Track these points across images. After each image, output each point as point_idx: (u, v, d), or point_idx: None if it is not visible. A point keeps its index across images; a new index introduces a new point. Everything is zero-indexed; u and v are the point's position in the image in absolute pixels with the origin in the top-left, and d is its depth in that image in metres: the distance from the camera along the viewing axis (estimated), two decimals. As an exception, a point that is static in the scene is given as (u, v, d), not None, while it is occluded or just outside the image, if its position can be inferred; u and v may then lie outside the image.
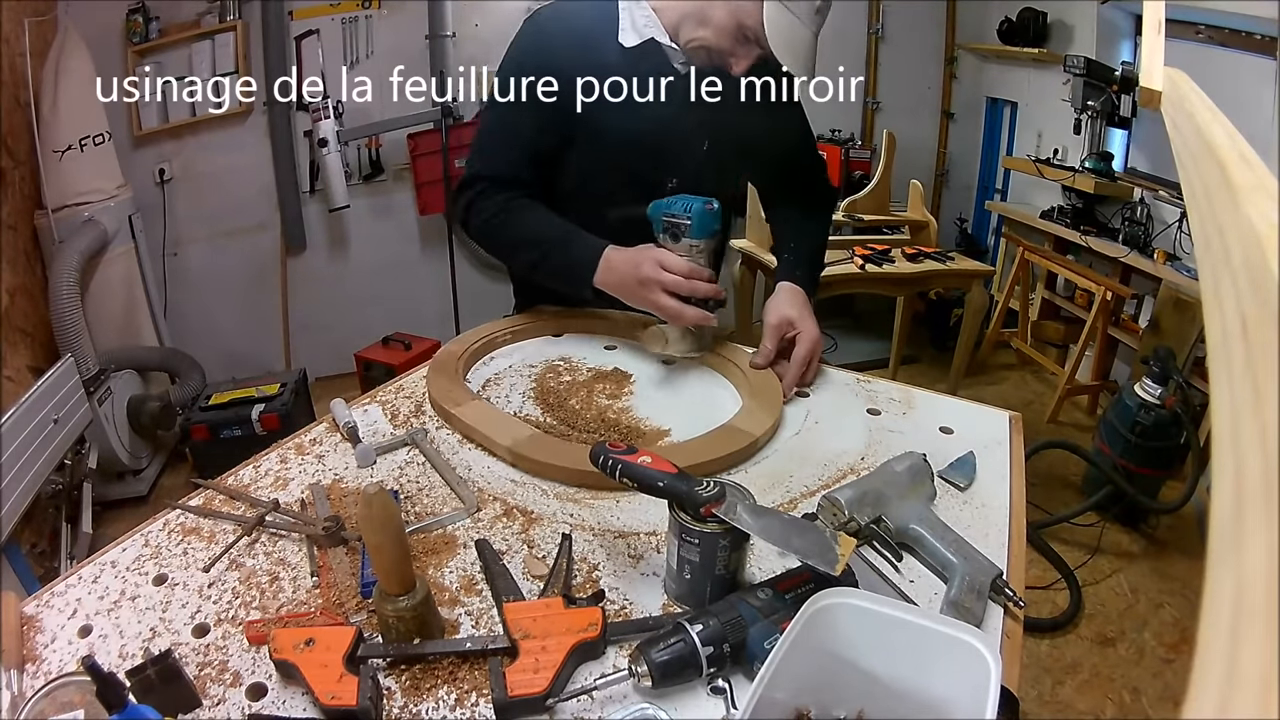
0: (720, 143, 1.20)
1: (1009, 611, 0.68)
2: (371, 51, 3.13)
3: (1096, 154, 3.05)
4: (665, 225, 1.06)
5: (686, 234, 1.04)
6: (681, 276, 1.03)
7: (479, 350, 1.17)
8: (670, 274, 1.03)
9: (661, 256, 1.05)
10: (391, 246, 3.42)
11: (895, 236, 3.21)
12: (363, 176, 3.27)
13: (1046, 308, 3.50)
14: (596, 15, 1.13)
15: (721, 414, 0.97)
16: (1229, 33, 2.57)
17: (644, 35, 1.11)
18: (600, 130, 1.13)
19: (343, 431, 0.94)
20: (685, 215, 1.04)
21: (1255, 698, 0.16)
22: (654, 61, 1.13)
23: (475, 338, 1.18)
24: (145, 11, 2.82)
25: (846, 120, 3.75)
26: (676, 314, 1.04)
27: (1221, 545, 0.20)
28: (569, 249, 1.12)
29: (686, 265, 1.04)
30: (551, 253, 1.13)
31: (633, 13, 1.12)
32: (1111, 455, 2.35)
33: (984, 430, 0.97)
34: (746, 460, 0.90)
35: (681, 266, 1.04)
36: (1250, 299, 0.25)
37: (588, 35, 1.12)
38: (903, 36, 3.78)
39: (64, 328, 2.36)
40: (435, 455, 0.91)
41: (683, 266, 1.04)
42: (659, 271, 1.04)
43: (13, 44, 2.38)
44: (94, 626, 0.66)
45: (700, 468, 0.84)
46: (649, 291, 1.04)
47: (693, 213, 1.03)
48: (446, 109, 3.09)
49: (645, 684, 0.56)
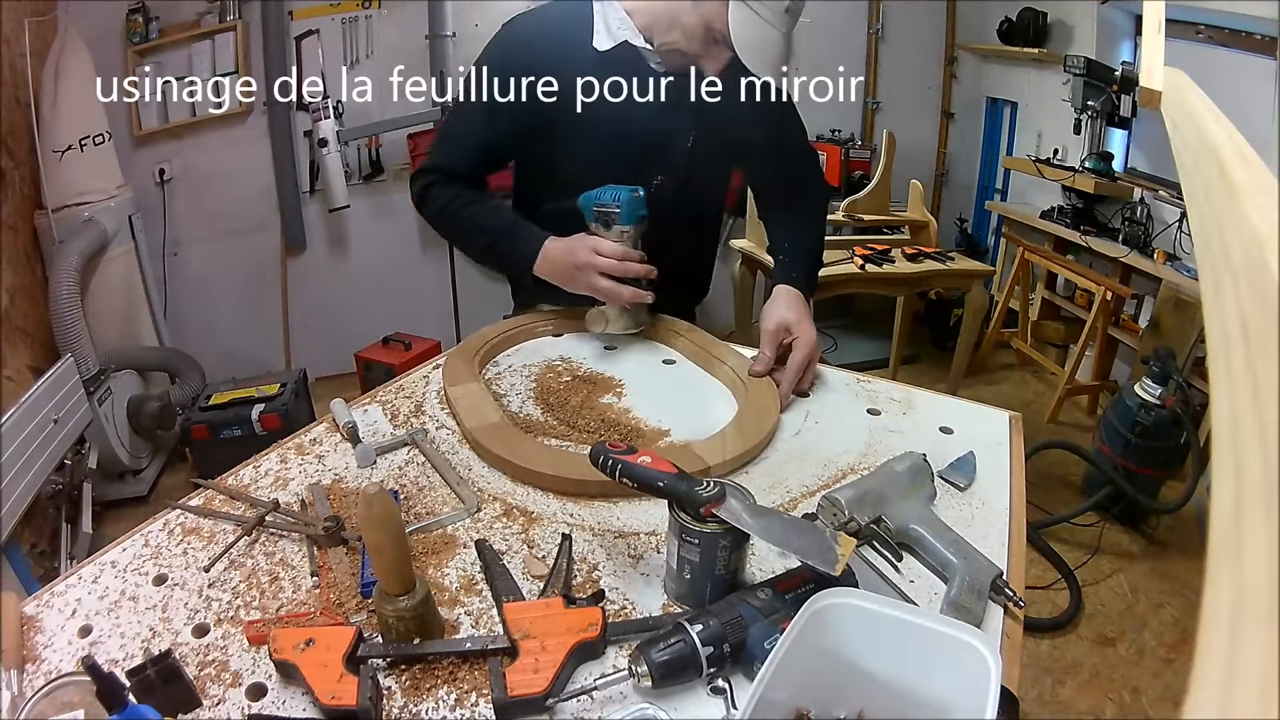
0: (707, 141, 1.22)
1: (1009, 611, 0.68)
2: (371, 51, 3.13)
3: (1096, 154, 3.05)
4: (596, 214, 1.14)
5: (617, 221, 1.12)
6: (615, 260, 1.10)
7: (513, 338, 1.23)
8: (605, 258, 1.10)
9: (596, 243, 1.12)
10: (391, 246, 3.42)
11: (895, 236, 3.21)
12: (363, 176, 3.26)
13: (1046, 308, 3.50)
14: (570, 20, 1.16)
15: (716, 416, 0.98)
16: (1229, 33, 2.57)
17: (618, 38, 1.13)
18: (577, 132, 1.17)
19: (343, 431, 0.94)
20: (615, 204, 1.12)
21: (1255, 698, 0.16)
22: (630, 63, 1.14)
23: (511, 326, 1.24)
24: (145, 11, 2.82)
25: (846, 120, 3.75)
26: (614, 294, 1.12)
27: (1221, 545, 0.20)
28: (512, 240, 1.19)
29: (619, 249, 1.11)
30: (495, 243, 1.21)
31: (607, 16, 1.14)
32: (1111, 455, 2.35)
33: (984, 430, 0.97)
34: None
35: (615, 250, 1.11)
36: (1250, 299, 0.25)
37: (561, 39, 1.15)
38: (903, 36, 3.78)
39: (64, 328, 2.35)
40: (435, 455, 0.91)
41: (616, 250, 1.11)
42: (594, 257, 1.11)
43: (13, 44, 2.38)
44: (94, 626, 0.66)
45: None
46: (586, 275, 1.12)
47: (621, 201, 1.11)
48: (446, 109, 3.09)
49: (645, 684, 0.56)
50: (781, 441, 0.95)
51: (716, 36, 1.05)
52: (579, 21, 1.15)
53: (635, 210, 1.12)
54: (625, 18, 1.14)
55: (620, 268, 1.11)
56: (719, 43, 1.06)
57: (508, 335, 1.21)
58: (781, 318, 1.09)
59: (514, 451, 0.88)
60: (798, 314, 1.10)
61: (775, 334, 1.09)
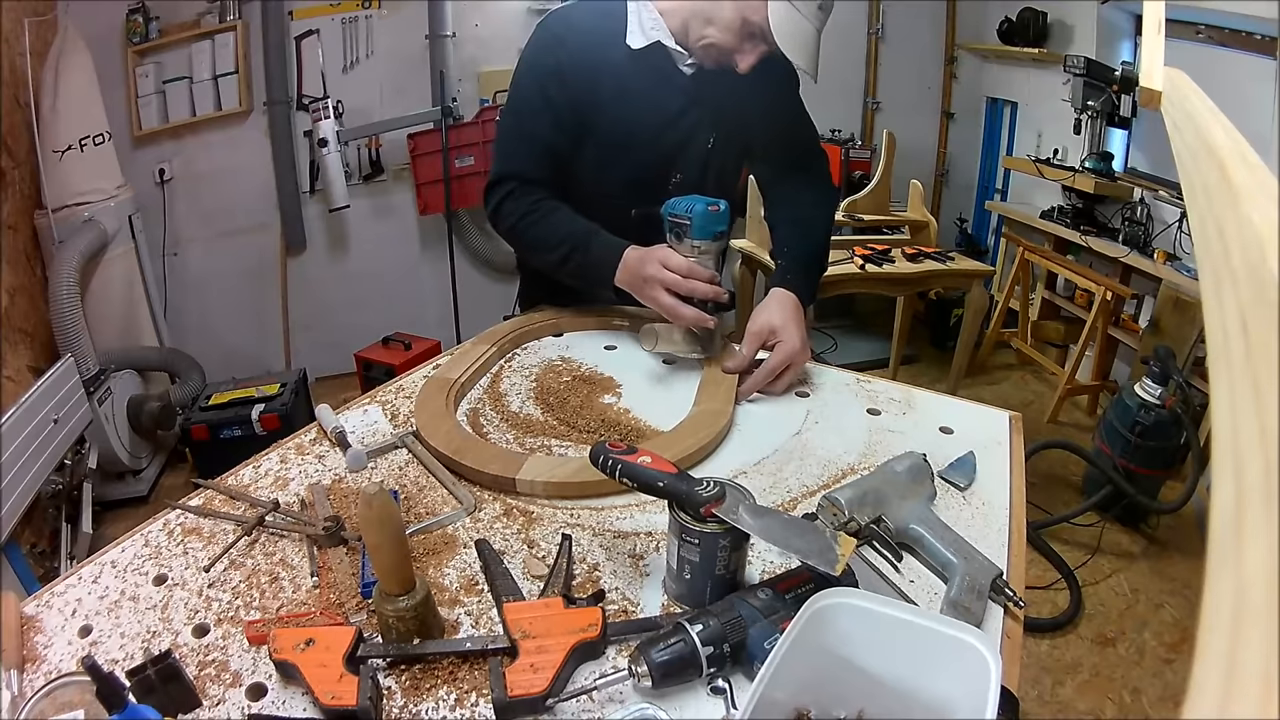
0: (725, 140, 1.23)
1: (1009, 611, 0.68)
2: (371, 51, 3.13)
3: (1096, 154, 3.05)
4: (670, 225, 1.08)
5: (688, 234, 1.05)
6: (680, 275, 1.04)
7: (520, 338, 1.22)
8: (670, 272, 1.05)
9: (665, 256, 1.06)
10: (391, 246, 3.42)
11: (895, 236, 3.21)
12: (363, 176, 3.26)
13: (1046, 308, 3.50)
14: (605, 18, 1.16)
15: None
16: (1229, 33, 2.57)
17: (650, 38, 1.13)
18: (608, 130, 1.17)
19: (331, 437, 0.94)
20: (686, 215, 1.05)
21: (1255, 698, 0.16)
22: (659, 63, 1.15)
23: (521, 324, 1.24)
24: (145, 11, 2.82)
25: (846, 120, 3.75)
26: (673, 311, 1.06)
27: (1221, 545, 0.20)
28: (590, 249, 1.15)
29: (687, 264, 1.05)
30: (574, 253, 1.16)
31: (640, 15, 1.14)
32: (1111, 455, 2.35)
33: (984, 430, 0.97)
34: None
35: (682, 265, 1.05)
36: (1250, 299, 0.25)
37: (596, 38, 1.15)
38: (903, 36, 3.78)
39: (64, 328, 2.35)
40: (426, 457, 0.90)
41: (683, 265, 1.05)
42: (660, 270, 1.05)
43: (13, 44, 2.38)
44: (94, 626, 0.66)
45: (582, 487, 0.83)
46: (650, 288, 1.07)
47: (693, 213, 1.04)
48: (446, 109, 3.09)
49: (645, 684, 0.56)
50: (782, 441, 0.95)
51: (754, 31, 1.05)
52: (613, 19, 1.15)
53: (710, 225, 1.04)
54: (659, 19, 1.14)
55: (685, 285, 1.04)
56: (755, 37, 1.06)
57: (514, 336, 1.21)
58: (767, 320, 1.09)
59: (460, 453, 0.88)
60: (785, 318, 1.09)
61: (758, 335, 1.08)
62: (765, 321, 1.09)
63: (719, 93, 1.17)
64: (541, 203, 1.19)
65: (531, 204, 1.19)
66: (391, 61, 3.15)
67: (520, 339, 1.23)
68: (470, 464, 0.86)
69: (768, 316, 1.09)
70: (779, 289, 1.15)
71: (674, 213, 1.06)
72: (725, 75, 1.11)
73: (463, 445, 0.89)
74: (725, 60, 1.10)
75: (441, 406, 0.98)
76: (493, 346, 1.16)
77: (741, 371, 1.07)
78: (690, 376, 1.13)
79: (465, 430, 0.95)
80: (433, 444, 0.90)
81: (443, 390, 1.02)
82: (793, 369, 1.06)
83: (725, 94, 1.16)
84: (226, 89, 2.98)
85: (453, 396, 1.02)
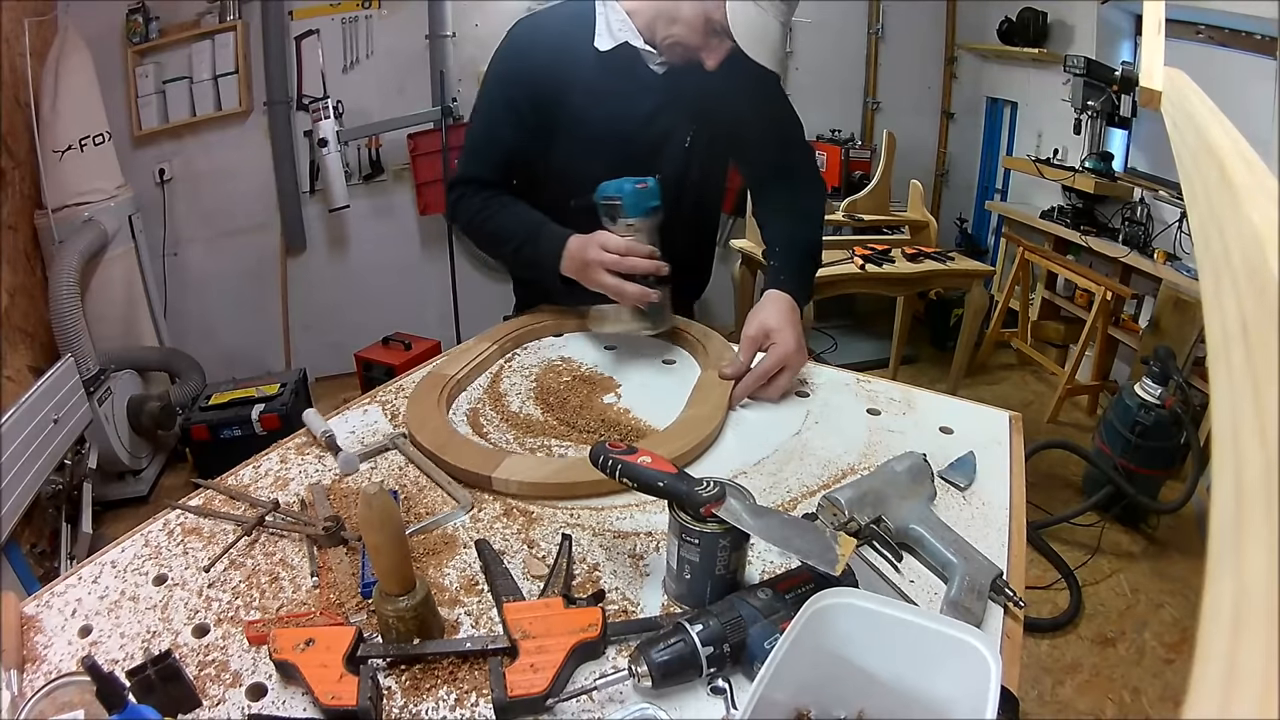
0: (704, 137, 1.23)
1: (1009, 611, 0.68)
2: (371, 51, 3.13)
3: (1096, 154, 3.05)
4: (604, 208, 1.10)
5: (621, 214, 1.08)
6: (619, 255, 1.06)
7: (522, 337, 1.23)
8: (609, 253, 1.07)
9: (604, 239, 1.08)
10: (391, 246, 3.42)
11: (895, 236, 3.21)
12: (363, 176, 3.26)
13: (1046, 308, 3.50)
14: (573, 22, 1.17)
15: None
16: (1229, 33, 2.57)
17: (618, 39, 1.14)
18: (579, 132, 1.18)
19: (321, 442, 0.94)
20: (616, 196, 1.08)
21: (1255, 698, 0.16)
22: (629, 64, 1.16)
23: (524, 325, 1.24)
24: (145, 11, 2.82)
25: (846, 120, 3.75)
26: (618, 290, 1.07)
27: (1221, 545, 0.20)
28: (538, 242, 1.16)
29: (624, 244, 1.07)
30: (524, 246, 1.18)
31: (608, 17, 1.15)
32: (1111, 455, 2.35)
33: (984, 430, 0.97)
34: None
35: (619, 245, 1.07)
36: (1250, 299, 0.25)
37: (564, 42, 1.16)
38: (903, 36, 3.78)
39: (64, 328, 2.35)
40: (418, 457, 0.90)
41: (620, 245, 1.07)
42: (599, 252, 1.07)
43: (13, 44, 2.38)
44: (94, 626, 0.66)
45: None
46: (593, 272, 1.08)
47: (623, 193, 1.07)
48: (446, 109, 3.10)
49: (645, 684, 0.56)
50: (782, 441, 0.95)
51: (716, 28, 1.05)
52: (581, 23, 1.16)
53: (641, 202, 1.07)
54: (626, 19, 1.14)
55: (622, 263, 1.06)
56: (719, 34, 1.06)
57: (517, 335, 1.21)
58: (762, 323, 1.08)
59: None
60: (780, 321, 1.08)
61: (755, 339, 1.08)
62: (760, 324, 1.08)
63: (693, 90, 1.16)
64: (493, 199, 1.21)
65: (481, 203, 1.21)
66: (391, 61, 3.15)
67: (521, 339, 1.23)
68: (451, 460, 0.86)
69: (762, 319, 1.08)
70: (773, 290, 1.14)
71: (605, 195, 1.09)
72: (698, 72, 1.11)
73: (446, 442, 0.89)
74: (692, 58, 1.10)
75: (433, 404, 0.98)
76: (493, 345, 1.16)
77: (739, 377, 1.06)
78: (690, 377, 1.13)
79: (451, 427, 0.95)
80: (419, 439, 0.90)
81: (437, 386, 1.02)
82: (788, 371, 1.05)
83: (700, 91, 1.15)
84: (226, 89, 2.98)
85: (447, 393, 1.03)
